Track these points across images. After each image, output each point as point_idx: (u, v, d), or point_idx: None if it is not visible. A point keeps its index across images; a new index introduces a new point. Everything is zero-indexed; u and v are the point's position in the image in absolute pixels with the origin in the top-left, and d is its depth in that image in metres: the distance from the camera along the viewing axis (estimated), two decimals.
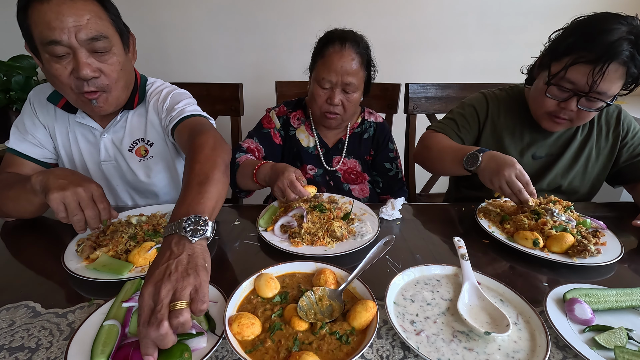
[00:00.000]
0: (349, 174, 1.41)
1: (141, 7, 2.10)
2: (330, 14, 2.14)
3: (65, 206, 0.82)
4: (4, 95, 1.92)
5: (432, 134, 1.29)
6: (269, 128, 1.39)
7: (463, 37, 2.24)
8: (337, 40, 1.20)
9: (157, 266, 0.57)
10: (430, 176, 1.91)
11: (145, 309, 0.53)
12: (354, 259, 0.86)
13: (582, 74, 0.99)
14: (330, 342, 0.61)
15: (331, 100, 1.24)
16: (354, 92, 1.25)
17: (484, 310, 0.70)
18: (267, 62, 2.25)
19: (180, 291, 0.53)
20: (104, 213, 0.85)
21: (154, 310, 0.52)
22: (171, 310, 0.53)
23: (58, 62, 0.92)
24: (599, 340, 0.63)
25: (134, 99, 1.14)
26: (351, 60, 1.20)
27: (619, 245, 0.92)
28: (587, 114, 1.07)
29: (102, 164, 1.18)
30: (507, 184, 0.96)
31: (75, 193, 0.82)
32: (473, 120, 1.28)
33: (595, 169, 1.26)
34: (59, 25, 0.88)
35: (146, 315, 0.53)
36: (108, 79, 0.99)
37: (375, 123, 1.43)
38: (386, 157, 1.42)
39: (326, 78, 1.21)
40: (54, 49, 0.90)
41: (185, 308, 0.53)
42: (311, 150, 1.40)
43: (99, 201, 0.85)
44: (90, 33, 0.91)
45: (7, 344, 0.63)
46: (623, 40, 0.93)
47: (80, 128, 1.15)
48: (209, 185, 0.73)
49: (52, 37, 0.88)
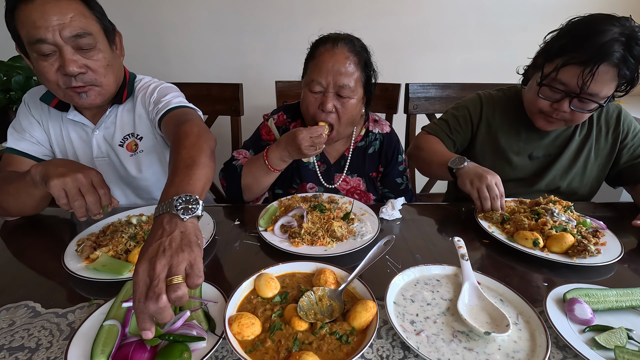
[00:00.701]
0: (352, 193, 1.28)
1: (141, 7, 2.10)
2: (330, 14, 2.14)
3: (66, 192, 0.82)
4: (4, 95, 1.92)
5: (424, 136, 1.31)
6: (268, 140, 1.27)
7: (463, 37, 2.24)
8: (330, 40, 1.10)
9: (150, 244, 0.57)
10: None
11: (141, 284, 0.53)
12: (354, 259, 0.86)
13: (572, 75, 0.99)
14: (330, 342, 0.61)
15: (323, 106, 1.08)
16: (350, 96, 1.09)
17: (484, 310, 0.70)
18: (267, 62, 2.25)
19: (175, 266, 0.54)
20: (104, 198, 0.86)
21: (151, 285, 0.53)
22: (168, 285, 0.53)
23: (45, 60, 0.95)
24: (599, 340, 0.63)
25: (122, 94, 1.16)
26: (344, 58, 1.06)
27: (619, 245, 0.91)
28: (580, 115, 1.08)
29: (95, 161, 1.19)
30: (487, 188, 1.00)
31: (75, 179, 0.83)
32: (466, 122, 1.30)
33: (595, 169, 1.25)
34: (43, 24, 0.91)
35: (142, 290, 0.53)
36: (95, 74, 1.02)
37: (381, 135, 1.28)
38: (397, 173, 1.29)
39: (316, 80, 1.07)
40: (40, 47, 0.93)
41: (182, 282, 0.53)
42: (311, 167, 1.27)
43: (99, 187, 0.85)
44: (74, 30, 0.94)
45: (7, 344, 0.63)
46: (614, 42, 0.93)
47: (73, 126, 1.17)
48: (197, 168, 0.73)
49: (38, 35, 0.91)
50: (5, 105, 1.95)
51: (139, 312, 0.52)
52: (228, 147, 1.71)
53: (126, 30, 2.11)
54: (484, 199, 1.00)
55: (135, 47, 2.16)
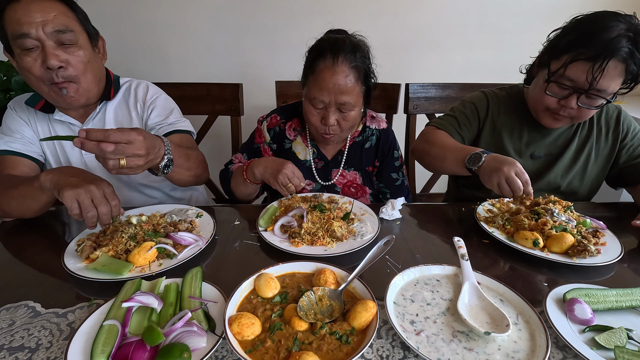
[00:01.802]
0: (348, 187, 1.32)
1: (141, 7, 2.10)
2: (330, 14, 2.14)
3: (79, 203, 0.84)
4: (4, 95, 1.92)
5: (433, 130, 1.28)
6: (259, 143, 1.32)
7: (463, 37, 2.24)
8: (329, 52, 1.06)
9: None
10: (430, 176, 1.91)
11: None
12: (354, 259, 0.86)
13: (581, 71, 0.99)
14: (330, 342, 0.61)
15: (325, 121, 1.13)
16: (351, 110, 1.12)
17: (484, 310, 0.70)
18: (267, 62, 2.25)
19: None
20: (115, 210, 0.88)
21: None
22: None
23: (28, 54, 1.00)
24: (599, 340, 0.63)
25: (109, 91, 1.20)
26: (345, 77, 1.06)
27: (619, 245, 0.91)
28: (587, 111, 1.07)
29: (84, 157, 1.21)
30: (507, 181, 0.96)
31: (88, 191, 0.85)
32: (474, 118, 1.28)
33: (594, 169, 1.25)
34: (27, 20, 0.97)
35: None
36: (75, 70, 1.06)
37: (378, 130, 1.31)
38: (392, 168, 1.33)
39: (318, 98, 1.09)
40: (23, 42, 0.98)
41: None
42: (308, 165, 1.30)
43: (111, 198, 0.88)
44: (56, 26, 1.00)
45: (7, 344, 0.63)
46: (622, 37, 0.94)
47: (60, 125, 1.19)
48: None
49: (22, 30, 0.97)
50: (5, 105, 1.94)
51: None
52: (228, 147, 1.71)
53: (126, 30, 2.13)
54: (507, 193, 0.98)
55: (135, 46, 2.16)
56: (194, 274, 0.75)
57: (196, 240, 0.90)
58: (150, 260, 0.83)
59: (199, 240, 0.90)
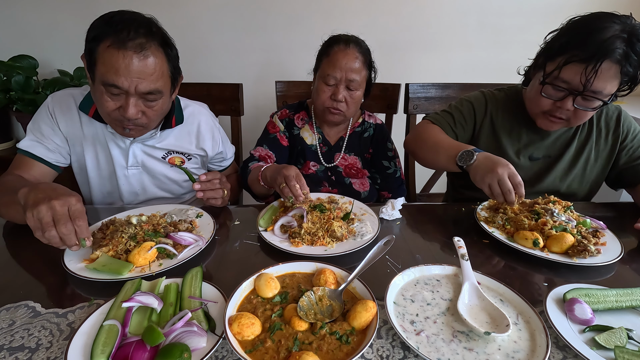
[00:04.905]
0: (350, 169, 1.47)
1: (141, 7, 2.08)
2: (330, 14, 2.14)
3: (39, 221, 0.75)
4: (4, 95, 1.92)
5: (428, 125, 1.28)
6: (274, 132, 1.45)
7: (463, 37, 2.24)
8: (342, 40, 1.29)
9: None
10: (430, 176, 1.91)
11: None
12: (354, 259, 0.86)
13: (575, 72, 0.99)
14: (330, 342, 0.61)
15: (335, 96, 1.29)
16: (357, 89, 1.31)
17: (484, 310, 0.70)
18: (267, 62, 2.25)
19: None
20: (79, 230, 0.77)
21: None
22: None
23: (110, 97, 1.00)
24: (599, 340, 0.63)
25: (170, 120, 1.21)
26: (355, 58, 1.27)
27: (619, 246, 0.91)
28: (584, 113, 1.07)
29: (128, 170, 1.23)
30: (499, 182, 0.94)
31: (50, 207, 0.75)
32: (470, 117, 1.28)
33: (594, 171, 1.25)
34: (125, 74, 0.95)
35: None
36: (147, 120, 1.07)
37: (374, 124, 1.50)
38: (384, 156, 1.48)
39: (331, 74, 1.27)
40: (112, 89, 0.98)
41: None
42: (314, 148, 1.46)
43: (76, 217, 0.77)
44: (147, 88, 1.00)
45: (7, 344, 0.63)
46: (616, 39, 0.93)
47: (112, 134, 1.18)
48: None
49: (115, 82, 0.96)
50: (5, 105, 1.95)
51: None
52: None
53: None
54: (497, 195, 0.96)
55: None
56: (194, 274, 0.75)
57: (196, 240, 0.90)
58: (150, 260, 0.83)
59: (199, 241, 0.90)
